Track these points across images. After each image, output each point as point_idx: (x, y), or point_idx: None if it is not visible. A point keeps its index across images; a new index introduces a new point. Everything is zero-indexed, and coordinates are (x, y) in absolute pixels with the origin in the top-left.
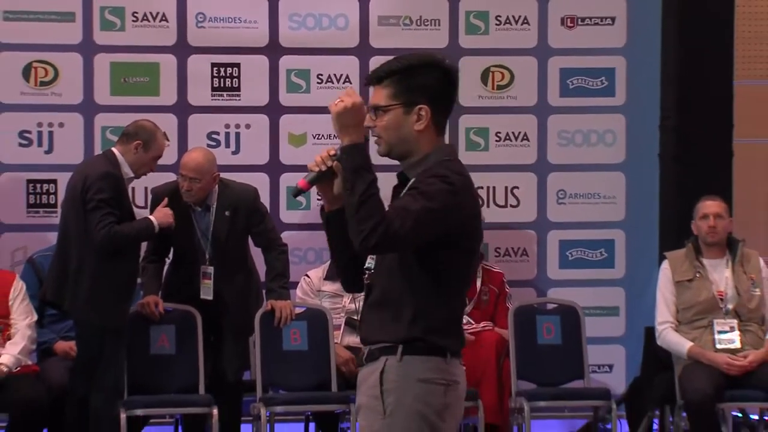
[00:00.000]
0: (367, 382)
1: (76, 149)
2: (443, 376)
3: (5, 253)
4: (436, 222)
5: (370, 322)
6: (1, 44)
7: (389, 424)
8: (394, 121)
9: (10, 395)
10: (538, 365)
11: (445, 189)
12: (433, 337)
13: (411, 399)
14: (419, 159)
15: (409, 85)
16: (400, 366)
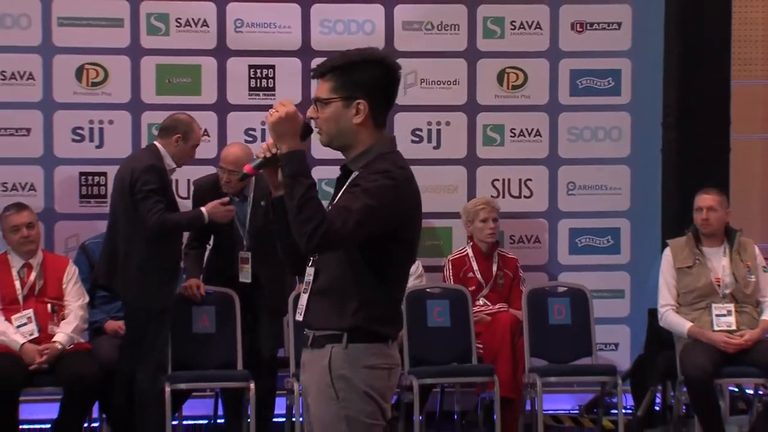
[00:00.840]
0: (315, 369)
1: (124, 144)
2: (386, 361)
3: (59, 240)
4: (376, 219)
5: (315, 309)
6: (56, 48)
7: (344, 407)
8: (334, 114)
9: (65, 370)
10: (550, 344)
11: (387, 185)
12: (375, 326)
13: (360, 383)
14: (361, 151)
15: (348, 80)
16: (346, 353)
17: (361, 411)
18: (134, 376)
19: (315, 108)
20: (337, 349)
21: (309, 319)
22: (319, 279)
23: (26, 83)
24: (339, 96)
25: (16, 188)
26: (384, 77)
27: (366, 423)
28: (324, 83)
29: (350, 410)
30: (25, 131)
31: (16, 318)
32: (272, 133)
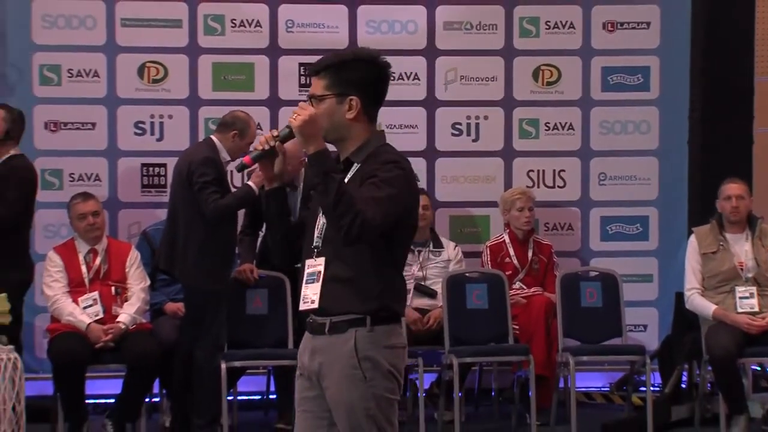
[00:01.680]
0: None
1: (182, 137)
2: (401, 340)
3: (122, 227)
4: (398, 206)
5: (332, 296)
6: (119, 47)
7: (371, 386)
8: (328, 110)
9: (128, 349)
10: (582, 325)
11: (401, 174)
12: (394, 306)
13: (384, 362)
14: (359, 145)
15: (341, 77)
16: (371, 335)
17: (386, 388)
18: (193, 354)
19: (310, 104)
20: (362, 332)
21: (325, 307)
22: (331, 267)
23: (92, 80)
24: (332, 93)
25: (83, 178)
26: (375, 75)
27: (390, 399)
28: (318, 81)
29: (377, 389)
30: (91, 125)
31: (83, 300)
32: (298, 136)
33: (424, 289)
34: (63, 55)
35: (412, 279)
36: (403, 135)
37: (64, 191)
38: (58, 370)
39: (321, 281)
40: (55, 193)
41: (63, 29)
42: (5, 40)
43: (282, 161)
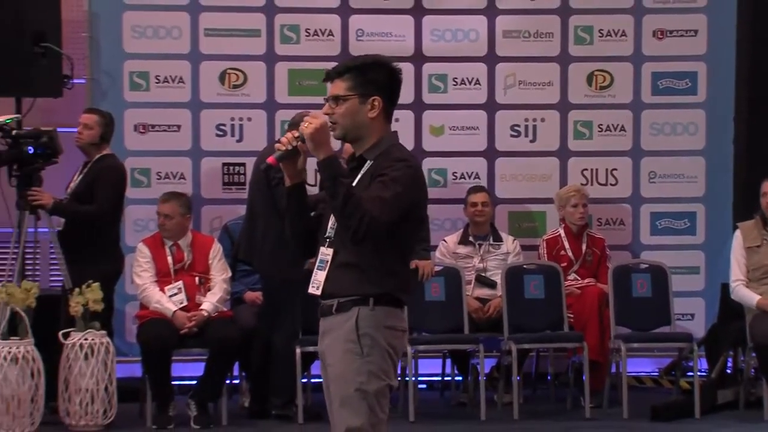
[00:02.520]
0: (340, 331)
1: (260, 139)
2: (401, 324)
3: (205, 222)
4: (404, 202)
5: (340, 280)
6: (203, 55)
7: (368, 361)
8: (350, 109)
9: (210, 335)
10: (633, 314)
11: (409, 173)
12: (397, 293)
13: (382, 341)
14: (374, 143)
15: (364, 79)
16: (372, 314)
17: (381, 368)
18: (270, 340)
19: (330, 105)
20: (364, 311)
21: (332, 290)
22: (339, 256)
23: (177, 86)
24: (356, 93)
25: (169, 177)
26: (393, 78)
27: (383, 381)
28: (340, 82)
29: (372, 365)
30: (176, 127)
31: (169, 289)
32: (310, 142)
33: (484, 280)
34: (151, 62)
35: (473, 270)
36: (465, 136)
37: (151, 188)
38: (146, 354)
39: (328, 268)
40: (144, 191)
41: (151, 39)
42: (98, 50)
43: (304, 160)
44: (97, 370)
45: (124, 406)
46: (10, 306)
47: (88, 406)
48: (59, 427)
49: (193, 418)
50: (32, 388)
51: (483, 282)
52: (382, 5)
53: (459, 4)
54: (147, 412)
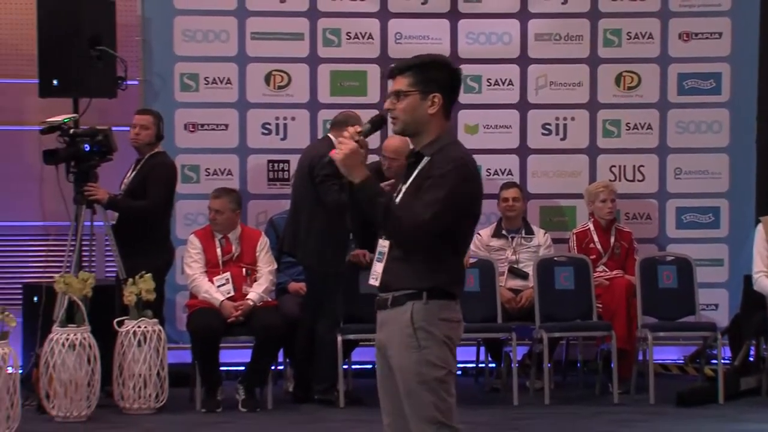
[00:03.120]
0: (396, 324)
1: (303, 137)
2: (456, 315)
3: (251, 216)
4: (458, 202)
5: (395, 274)
6: (249, 57)
7: (426, 353)
8: (411, 105)
9: (256, 323)
10: (659, 304)
11: (463, 174)
12: (450, 286)
13: (438, 332)
14: (432, 139)
15: (425, 77)
16: (425, 308)
17: (439, 357)
18: (313, 328)
19: (392, 101)
20: (418, 305)
21: (388, 283)
22: (395, 249)
23: (225, 87)
24: (417, 89)
25: (217, 173)
26: (453, 77)
27: (443, 369)
28: (402, 79)
29: (431, 356)
30: (224, 126)
31: (217, 279)
32: (342, 168)
33: (517, 272)
34: (200, 65)
35: (506, 262)
36: (498, 134)
37: (201, 184)
38: (195, 342)
39: (385, 261)
40: (193, 186)
41: (201, 42)
42: (151, 52)
43: (365, 154)
44: (150, 356)
45: (175, 390)
46: (68, 295)
47: (141, 390)
48: (114, 410)
49: (241, 402)
50: (89, 373)
51: (515, 273)
52: (419, 9)
53: (493, 8)
54: (197, 397)
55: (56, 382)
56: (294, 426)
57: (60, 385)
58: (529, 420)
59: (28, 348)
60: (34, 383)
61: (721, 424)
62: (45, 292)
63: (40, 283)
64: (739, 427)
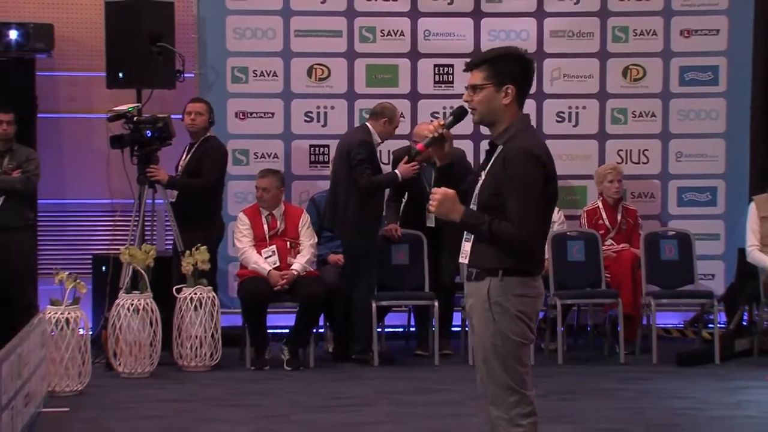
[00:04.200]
0: (477, 297)
1: (342, 124)
2: (532, 291)
3: (295, 195)
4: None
5: (479, 253)
6: (293, 53)
7: (498, 327)
8: (486, 97)
9: (299, 291)
10: (662, 274)
11: (536, 168)
12: (525, 264)
13: (511, 308)
14: (505, 128)
15: (499, 69)
16: (501, 285)
17: (512, 330)
18: (351, 295)
19: (469, 93)
20: (495, 281)
21: (473, 261)
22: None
23: (271, 79)
24: (491, 82)
25: (264, 156)
26: (526, 68)
27: (515, 341)
28: (477, 73)
29: (504, 329)
30: (271, 114)
31: (264, 251)
32: (441, 215)
33: None
34: (249, 59)
35: None
36: None
37: (249, 166)
38: (245, 307)
39: (471, 241)
40: (243, 168)
41: (250, 39)
42: (205, 48)
43: (450, 144)
44: (205, 320)
45: (227, 350)
46: (132, 265)
47: (197, 350)
48: (173, 367)
49: (286, 361)
50: (150, 335)
51: None
52: (446, 9)
53: (512, 8)
54: (246, 356)
55: (122, 343)
56: (333, 383)
57: (125, 345)
58: (545, 378)
59: (97, 312)
60: (103, 343)
61: (716, 382)
62: (112, 262)
63: (107, 254)
64: (732, 385)
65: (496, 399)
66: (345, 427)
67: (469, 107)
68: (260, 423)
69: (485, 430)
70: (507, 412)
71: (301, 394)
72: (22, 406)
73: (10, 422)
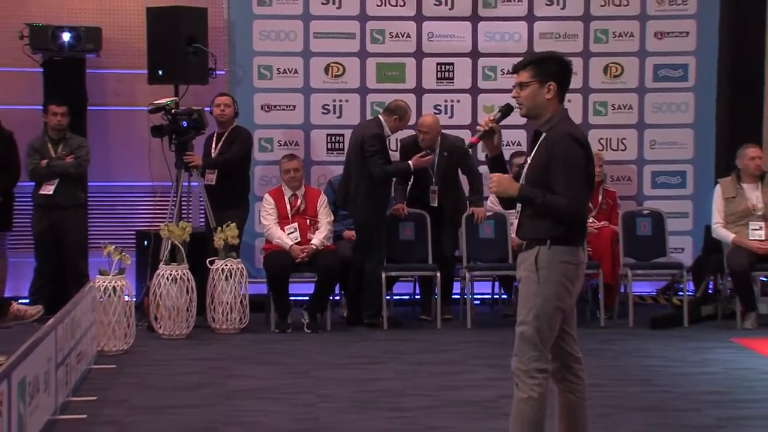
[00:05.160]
0: (526, 263)
1: (355, 116)
2: (575, 259)
3: (314, 178)
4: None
5: (529, 225)
6: (312, 52)
7: (542, 289)
8: (532, 93)
9: (317, 263)
10: (637, 248)
11: (578, 149)
12: (570, 235)
13: (555, 273)
14: (548, 119)
15: (542, 69)
16: (548, 252)
17: (553, 293)
18: (363, 267)
19: (517, 90)
20: (543, 249)
21: (523, 233)
22: (527, 208)
23: (293, 76)
24: (536, 80)
25: (287, 144)
26: (564, 69)
27: (554, 304)
28: (524, 72)
29: (547, 291)
30: (292, 107)
31: (287, 228)
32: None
33: None
34: (274, 58)
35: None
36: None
37: (274, 153)
38: (270, 277)
39: (520, 217)
40: (268, 154)
41: (274, 41)
42: (234, 49)
43: (499, 137)
44: (234, 288)
45: (254, 315)
46: (171, 240)
47: (228, 315)
48: (207, 330)
49: (306, 324)
50: (187, 301)
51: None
52: (447, 14)
53: (506, 13)
54: (271, 320)
55: (162, 308)
56: (347, 344)
57: (165, 310)
58: None
59: (140, 281)
60: (145, 309)
61: (685, 342)
62: (153, 237)
63: (149, 230)
64: (699, 345)
65: (519, 351)
66: (358, 382)
67: (517, 102)
68: (283, 379)
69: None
70: (527, 365)
71: (319, 354)
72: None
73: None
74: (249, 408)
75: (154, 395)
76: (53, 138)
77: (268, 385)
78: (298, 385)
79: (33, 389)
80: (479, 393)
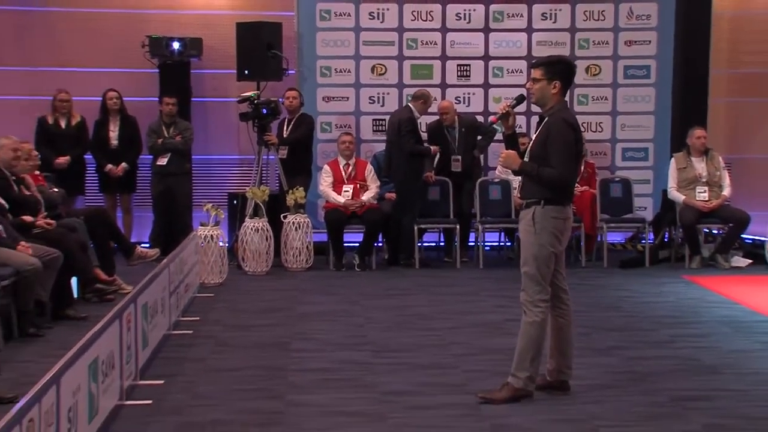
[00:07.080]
0: (526, 218)
1: (394, 105)
2: (563, 215)
3: (363, 152)
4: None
5: (527, 188)
6: (362, 56)
7: (537, 238)
8: (541, 87)
9: (366, 217)
10: (611, 206)
11: (570, 131)
12: (559, 197)
13: (548, 225)
14: (550, 107)
15: (551, 69)
16: (542, 210)
17: (547, 241)
18: (400, 220)
19: (530, 83)
20: (538, 208)
21: (523, 194)
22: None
23: (346, 74)
24: (546, 77)
25: (341, 126)
26: (569, 70)
27: (548, 249)
28: (537, 70)
29: (542, 239)
30: (346, 98)
31: (344, 190)
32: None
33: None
34: (332, 61)
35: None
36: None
37: (332, 133)
38: (329, 228)
39: (522, 181)
40: (327, 134)
41: (333, 47)
42: (302, 54)
43: (513, 119)
44: (302, 236)
45: (317, 257)
46: (254, 200)
47: (297, 257)
48: (281, 269)
49: (356, 264)
50: (266, 247)
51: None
52: (465, 26)
53: (511, 26)
54: (330, 261)
55: (248, 252)
56: (388, 280)
57: (250, 253)
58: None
59: (231, 231)
60: (235, 252)
61: (646, 278)
62: (240, 198)
63: (237, 192)
64: (657, 281)
65: (526, 286)
66: (397, 308)
67: (530, 92)
68: (340, 305)
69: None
70: (532, 297)
71: (366, 287)
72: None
73: (176, 302)
74: (314, 327)
75: (242, 317)
76: (166, 122)
77: (328, 309)
78: (351, 311)
79: (153, 311)
80: (489, 317)
